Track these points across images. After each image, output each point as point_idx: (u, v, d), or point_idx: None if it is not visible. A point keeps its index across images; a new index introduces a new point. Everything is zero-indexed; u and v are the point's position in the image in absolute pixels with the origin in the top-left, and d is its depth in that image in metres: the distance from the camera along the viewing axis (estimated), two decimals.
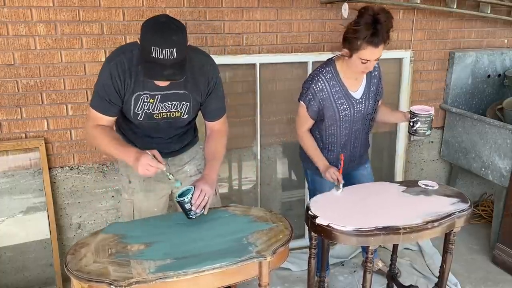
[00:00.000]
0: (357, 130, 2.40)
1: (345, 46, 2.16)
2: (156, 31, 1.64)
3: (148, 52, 1.63)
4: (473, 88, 3.49)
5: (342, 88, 2.28)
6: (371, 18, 2.05)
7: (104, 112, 1.87)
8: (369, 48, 2.08)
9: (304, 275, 2.42)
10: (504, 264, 2.96)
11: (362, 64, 2.14)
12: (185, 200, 1.81)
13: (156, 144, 2.04)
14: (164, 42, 1.62)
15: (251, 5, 2.79)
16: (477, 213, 3.64)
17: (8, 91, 2.44)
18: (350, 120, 2.34)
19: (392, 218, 1.94)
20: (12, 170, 2.52)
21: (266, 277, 1.69)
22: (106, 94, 1.82)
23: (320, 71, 2.29)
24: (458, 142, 3.31)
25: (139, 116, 1.91)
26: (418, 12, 3.23)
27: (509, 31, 3.60)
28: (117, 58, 1.80)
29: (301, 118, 2.36)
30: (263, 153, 3.07)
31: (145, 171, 1.74)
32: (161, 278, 1.52)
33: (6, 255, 2.60)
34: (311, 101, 2.28)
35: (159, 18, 1.72)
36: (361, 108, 2.34)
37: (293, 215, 3.19)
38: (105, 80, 1.81)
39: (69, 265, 1.59)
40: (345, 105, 2.30)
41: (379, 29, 2.05)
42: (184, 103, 1.93)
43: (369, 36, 2.05)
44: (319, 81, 2.26)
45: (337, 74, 2.28)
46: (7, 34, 2.36)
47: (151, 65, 1.65)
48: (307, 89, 2.29)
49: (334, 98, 2.28)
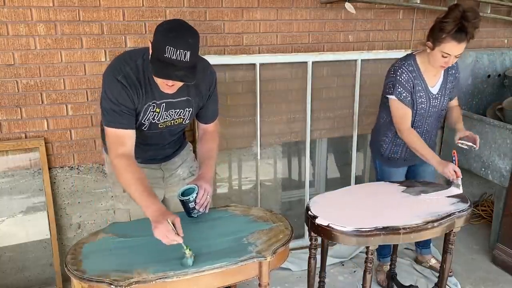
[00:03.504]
0: (429, 124, 2.48)
1: (430, 38, 2.26)
2: (172, 31, 1.64)
3: (162, 52, 1.61)
4: (473, 88, 3.49)
5: (422, 81, 2.37)
6: (460, 14, 2.14)
7: (126, 126, 1.78)
8: (452, 42, 2.17)
9: (304, 275, 2.42)
10: (504, 264, 2.96)
11: (443, 58, 2.24)
12: (190, 199, 1.81)
13: (152, 151, 2.05)
14: (179, 43, 1.61)
15: (251, 5, 2.79)
16: (477, 213, 3.64)
17: (8, 91, 2.44)
18: (424, 114, 2.42)
19: (392, 218, 1.94)
20: (12, 170, 2.52)
21: (266, 277, 1.69)
22: (121, 106, 1.76)
23: (401, 63, 2.38)
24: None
25: (144, 126, 1.88)
26: (418, 12, 3.23)
27: (509, 31, 3.60)
28: (124, 71, 1.76)
29: (399, 112, 2.38)
30: (263, 153, 3.07)
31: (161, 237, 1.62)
32: (161, 278, 1.52)
33: (6, 255, 2.60)
34: (402, 93, 2.34)
35: (175, 21, 1.72)
36: (436, 104, 2.43)
37: (293, 215, 3.19)
38: (117, 93, 1.75)
39: (69, 265, 1.59)
40: (423, 98, 2.38)
41: (465, 26, 2.14)
42: (187, 110, 1.93)
43: (454, 31, 2.14)
44: (403, 72, 2.35)
45: (417, 68, 2.37)
46: (7, 34, 2.36)
47: (163, 65, 1.63)
48: (393, 82, 2.35)
49: (414, 90, 2.35)
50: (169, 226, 1.60)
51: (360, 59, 3.10)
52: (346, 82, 3.16)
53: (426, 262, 2.98)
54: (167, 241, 1.60)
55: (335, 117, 3.22)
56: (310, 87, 3.02)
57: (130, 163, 1.77)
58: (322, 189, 3.42)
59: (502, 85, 3.56)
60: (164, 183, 2.15)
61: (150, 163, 2.09)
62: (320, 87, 3.10)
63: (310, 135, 3.11)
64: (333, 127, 3.24)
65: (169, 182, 2.15)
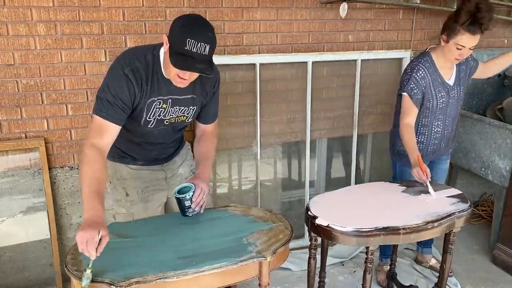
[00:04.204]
0: (450, 116, 2.52)
1: (444, 31, 2.30)
2: (193, 25, 1.65)
3: (182, 44, 1.61)
4: (473, 88, 3.49)
5: (438, 76, 2.42)
6: (474, 6, 2.17)
7: (113, 119, 1.74)
8: (466, 34, 2.22)
9: (304, 275, 2.42)
10: (504, 264, 2.96)
11: (457, 50, 2.28)
12: (186, 197, 1.81)
13: (157, 150, 2.04)
14: (200, 37, 1.62)
15: (251, 5, 2.79)
16: (477, 213, 3.64)
17: (8, 91, 2.44)
18: (445, 107, 2.47)
19: (392, 219, 1.94)
20: (12, 170, 2.52)
21: (266, 277, 1.69)
22: (117, 99, 1.73)
23: (419, 61, 2.42)
24: (458, 142, 3.31)
25: (150, 123, 1.87)
26: (418, 12, 3.23)
27: (509, 31, 3.60)
28: (133, 65, 1.75)
29: (405, 108, 2.44)
30: (263, 153, 3.07)
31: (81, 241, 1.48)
32: (161, 278, 1.52)
33: (6, 255, 2.60)
34: (413, 90, 2.38)
35: (194, 15, 1.73)
36: (454, 94, 2.49)
37: (293, 215, 3.19)
38: (119, 86, 1.73)
39: (69, 265, 1.58)
40: (442, 92, 2.44)
41: (479, 18, 2.17)
42: (191, 107, 1.93)
43: (468, 23, 2.18)
44: (420, 69, 2.39)
45: (433, 63, 2.42)
46: (7, 34, 2.36)
47: (183, 57, 1.63)
48: (408, 79, 2.40)
49: (433, 85, 2.40)
50: (96, 237, 1.47)
51: (360, 59, 3.10)
52: (346, 82, 3.16)
53: (426, 262, 2.98)
54: (82, 248, 1.47)
55: (335, 117, 3.22)
56: (310, 87, 3.02)
57: (98, 159, 1.69)
58: (322, 189, 3.42)
59: (502, 85, 3.56)
60: (167, 183, 2.15)
61: (153, 165, 2.09)
62: (320, 87, 3.10)
63: (310, 135, 3.11)
64: (333, 127, 3.24)
65: (171, 182, 2.15)
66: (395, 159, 2.65)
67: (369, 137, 3.45)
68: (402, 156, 2.55)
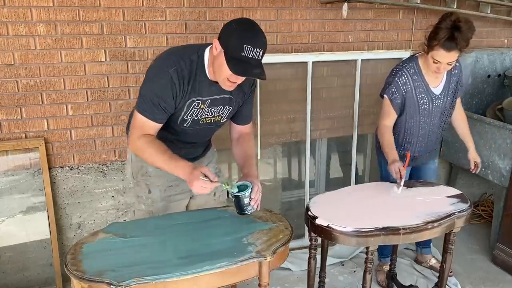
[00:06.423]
0: (434, 124, 2.51)
1: (426, 43, 2.29)
2: (250, 30, 1.68)
3: (239, 50, 1.64)
4: (473, 88, 3.49)
5: (423, 83, 2.40)
6: (451, 23, 2.15)
7: (155, 119, 1.81)
8: (441, 50, 2.20)
9: (304, 275, 2.42)
10: (504, 264, 2.96)
11: (434, 64, 2.26)
12: (246, 195, 1.78)
13: (186, 149, 2.04)
14: (256, 42, 1.66)
15: (251, 5, 2.79)
16: (477, 213, 3.64)
17: (8, 91, 2.44)
18: (428, 114, 2.45)
19: (392, 219, 1.94)
20: (12, 170, 2.52)
21: (266, 277, 1.69)
22: (161, 100, 1.77)
23: (403, 66, 2.41)
24: (458, 142, 3.30)
25: (186, 122, 1.89)
26: (418, 12, 3.23)
27: (509, 31, 3.60)
28: (178, 65, 1.77)
29: (384, 111, 2.46)
30: (263, 153, 3.07)
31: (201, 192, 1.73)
32: (161, 278, 1.52)
33: (6, 255, 2.60)
34: (394, 94, 2.38)
35: (247, 20, 1.76)
36: (439, 104, 2.45)
37: (293, 215, 3.19)
38: (162, 86, 1.76)
39: (69, 265, 1.59)
40: (425, 99, 2.41)
41: (455, 36, 2.14)
42: (227, 107, 1.94)
43: (444, 40, 2.16)
44: (403, 75, 2.38)
45: (419, 69, 2.40)
46: (7, 34, 2.36)
47: (239, 62, 1.66)
48: (390, 83, 2.40)
49: (415, 92, 2.39)
50: (201, 180, 1.69)
51: (360, 59, 3.10)
52: (346, 82, 3.16)
53: (426, 262, 2.98)
54: (207, 192, 1.72)
55: (335, 117, 3.22)
56: (310, 87, 3.02)
57: (152, 139, 1.82)
58: (322, 189, 3.42)
59: (502, 85, 3.56)
60: None
61: None
62: (320, 87, 3.10)
63: (310, 135, 3.11)
64: (333, 127, 3.24)
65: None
66: (382, 160, 2.63)
67: (369, 137, 3.45)
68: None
